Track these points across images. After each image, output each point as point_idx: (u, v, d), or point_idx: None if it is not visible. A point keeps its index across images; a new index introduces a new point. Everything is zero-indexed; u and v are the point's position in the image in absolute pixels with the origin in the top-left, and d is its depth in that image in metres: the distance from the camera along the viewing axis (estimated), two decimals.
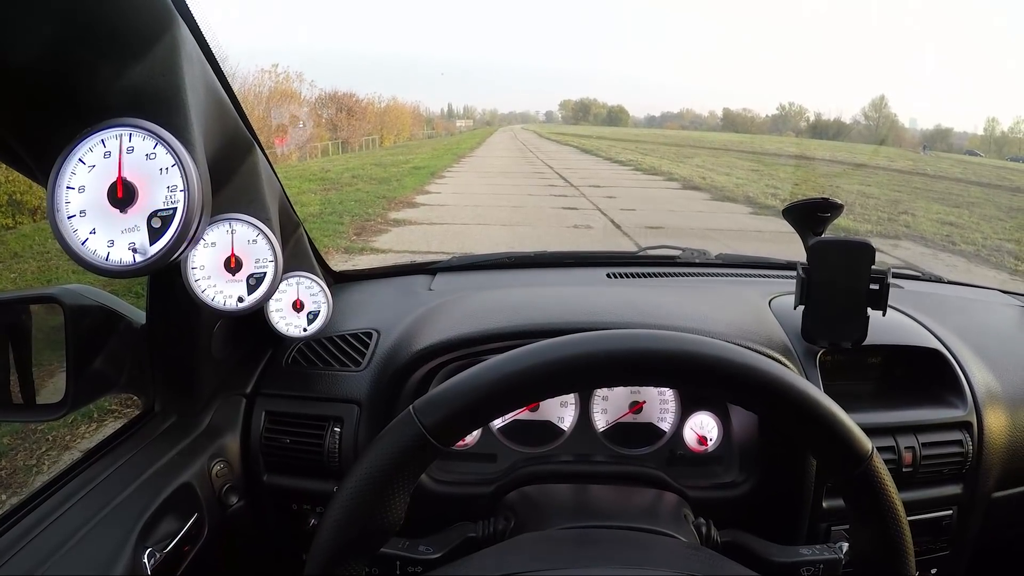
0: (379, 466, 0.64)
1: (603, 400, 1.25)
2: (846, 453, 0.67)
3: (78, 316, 0.98)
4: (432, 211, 11.84)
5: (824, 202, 1.21)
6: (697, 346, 0.66)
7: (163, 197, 0.67)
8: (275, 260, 0.97)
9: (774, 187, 17.95)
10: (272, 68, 34.96)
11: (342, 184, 15.84)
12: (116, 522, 0.88)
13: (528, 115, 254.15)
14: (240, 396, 1.22)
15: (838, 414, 0.67)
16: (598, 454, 1.24)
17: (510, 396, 0.67)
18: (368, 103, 50.62)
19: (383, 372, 1.21)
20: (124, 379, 1.08)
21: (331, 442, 1.17)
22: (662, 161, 27.26)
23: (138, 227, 0.67)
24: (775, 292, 1.46)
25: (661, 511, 1.02)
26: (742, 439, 1.19)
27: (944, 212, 14.58)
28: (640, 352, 0.66)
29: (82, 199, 0.66)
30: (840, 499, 1.15)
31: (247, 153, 1.02)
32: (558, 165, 24.28)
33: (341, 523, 0.64)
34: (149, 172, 0.66)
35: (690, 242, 1.95)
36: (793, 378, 0.66)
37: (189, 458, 1.06)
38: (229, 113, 0.94)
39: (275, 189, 1.13)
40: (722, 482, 1.17)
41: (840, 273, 1.17)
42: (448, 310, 1.33)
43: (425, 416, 0.65)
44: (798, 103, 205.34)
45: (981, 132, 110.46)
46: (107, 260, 0.66)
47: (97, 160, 0.66)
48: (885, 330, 1.26)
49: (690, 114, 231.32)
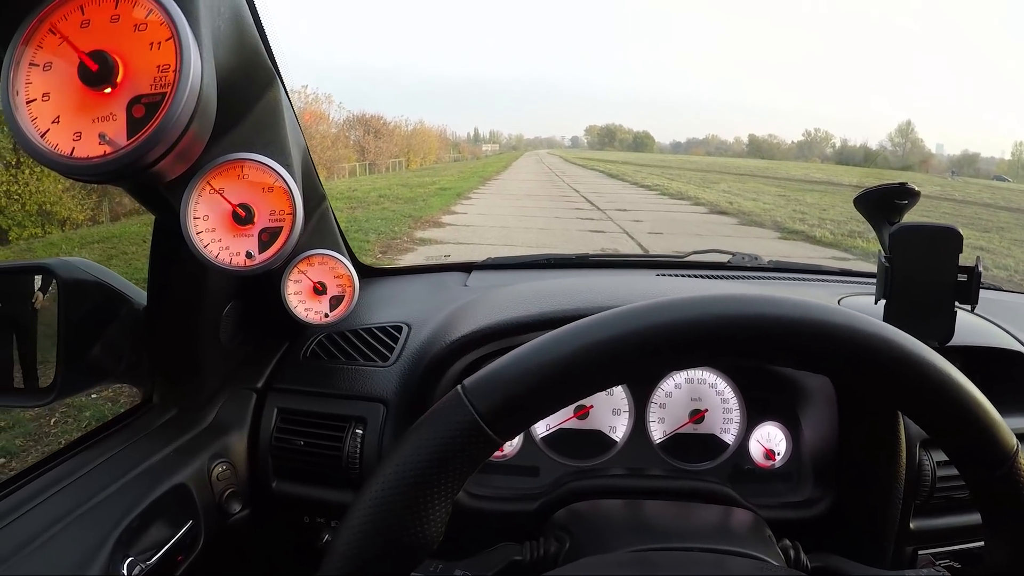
0: (419, 461, 0.50)
1: (660, 408, 1.13)
2: (988, 449, 0.54)
3: (73, 291, 0.89)
4: (458, 231, 11.81)
5: (901, 188, 1.10)
6: (824, 314, 0.53)
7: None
8: (294, 213, 0.83)
9: (801, 212, 17.82)
10: (302, 89, 35.55)
11: (369, 203, 15.93)
12: (92, 523, 0.76)
13: (554, 140, 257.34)
14: (250, 390, 1.10)
15: (983, 402, 0.54)
16: (654, 468, 1.11)
17: (591, 373, 0.52)
18: (395, 126, 51.58)
19: (415, 367, 1.09)
20: (122, 367, 0.97)
21: (351, 446, 1.04)
22: (688, 186, 27.16)
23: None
24: (841, 293, 1.35)
25: (740, 531, 0.88)
26: (816, 452, 1.07)
27: (974, 237, 14.36)
28: (758, 318, 0.52)
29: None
30: (930, 519, 1.04)
31: (266, 87, 0.88)
32: (584, 189, 24.25)
33: (364, 534, 0.49)
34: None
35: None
36: (935, 356, 0.53)
37: (187, 456, 0.94)
38: (247, 29, 0.80)
39: (299, 143, 1.00)
40: (793, 500, 1.05)
41: (924, 263, 1.05)
42: (489, 300, 1.21)
43: (479, 398, 0.51)
44: (824, 129, 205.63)
45: (1009, 157, 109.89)
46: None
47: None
48: (965, 331, 1.13)
49: (716, 140, 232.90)
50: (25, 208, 11.48)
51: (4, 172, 11.24)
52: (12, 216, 11.45)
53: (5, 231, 11.36)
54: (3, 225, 11.38)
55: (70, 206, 12.13)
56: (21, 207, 11.47)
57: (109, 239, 9.70)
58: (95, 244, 9.32)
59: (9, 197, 11.26)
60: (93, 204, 12.70)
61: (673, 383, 1.13)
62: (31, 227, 11.34)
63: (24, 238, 11.19)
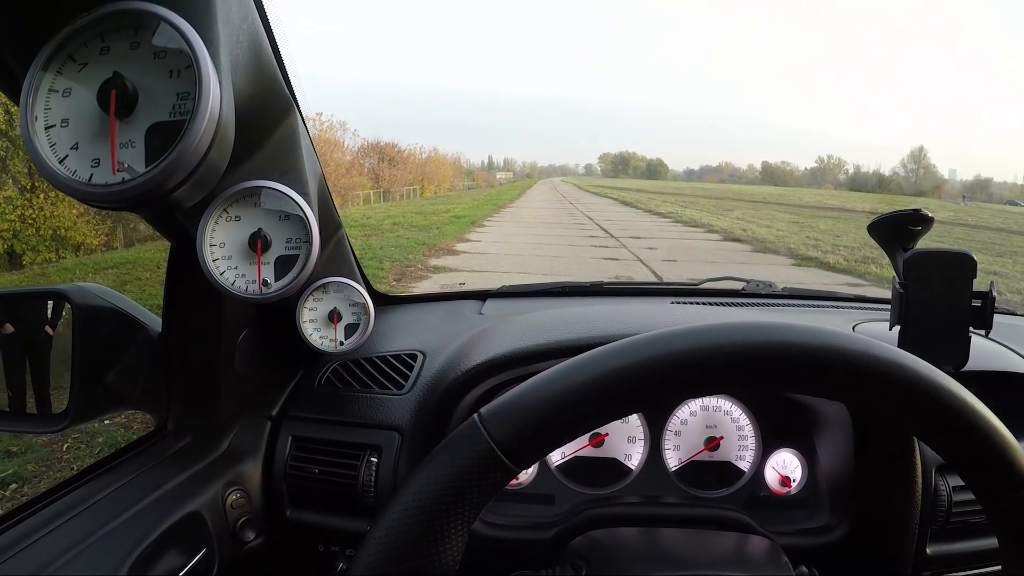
0: (435, 490, 0.50)
1: (675, 436, 1.13)
2: (1004, 473, 0.54)
3: (88, 317, 0.89)
4: (472, 259, 11.81)
5: (915, 214, 1.10)
6: (840, 341, 0.53)
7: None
8: (310, 241, 0.84)
9: (815, 238, 17.72)
10: (316, 116, 35.87)
11: (383, 230, 15.98)
12: (106, 551, 0.75)
13: (567, 168, 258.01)
14: (265, 418, 1.10)
15: (999, 427, 0.54)
16: (670, 495, 1.11)
17: (608, 402, 0.52)
18: (410, 153, 51.88)
19: (430, 395, 1.09)
20: (137, 393, 0.97)
21: (366, 474, 1.03)
22: (702, 213, 27.10)
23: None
24: (856, 320, 1.34)
25: (756, 558, 0.87)
26: (832, 478, 1.06)
27: (987, 262, 14.21)
28: (776, 346, 0.52)
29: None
30: (947, 544, 1.03)
31: (284, 115, 0.89)
32: (598, 216, 24.24)
33: (380, 564, 0.49)
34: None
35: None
36: (951, 382, 0.54)
37: (201, 484, 0.93)
38: (265, 57, 0.80)
39: (316, 171, 1.01)
40: (809, 527, 1.03)
41: (939, 289, 1.05)
42: (504, 328, 1.21)
43: (496, 427, 0.51)
44: (837, 155, 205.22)
45: (1021, 182, 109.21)
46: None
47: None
48: (980, 356, 1.12)
49: (729, 167, 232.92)
50: (40, 233, 11.57)
51: (19, 197, 11.36)
52: (26, 241, 11.54)
53: (19, 256, 11.45)
54: (17, 250, 11.48)
55: (84, 231, 12.23)
56: (35, 232, 11.56)
57: (123, 265, 9.77)
58: (109, 270, 9.40)
59: (24, 222, 11.36)
60: (107, 229, 12.79)
61: (688, 411, 1.12)
62: (45, 252, 11.40)
63: (38, 263, 11.27)
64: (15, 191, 11.34)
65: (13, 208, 11.14)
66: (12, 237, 11.23)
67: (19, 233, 11.36)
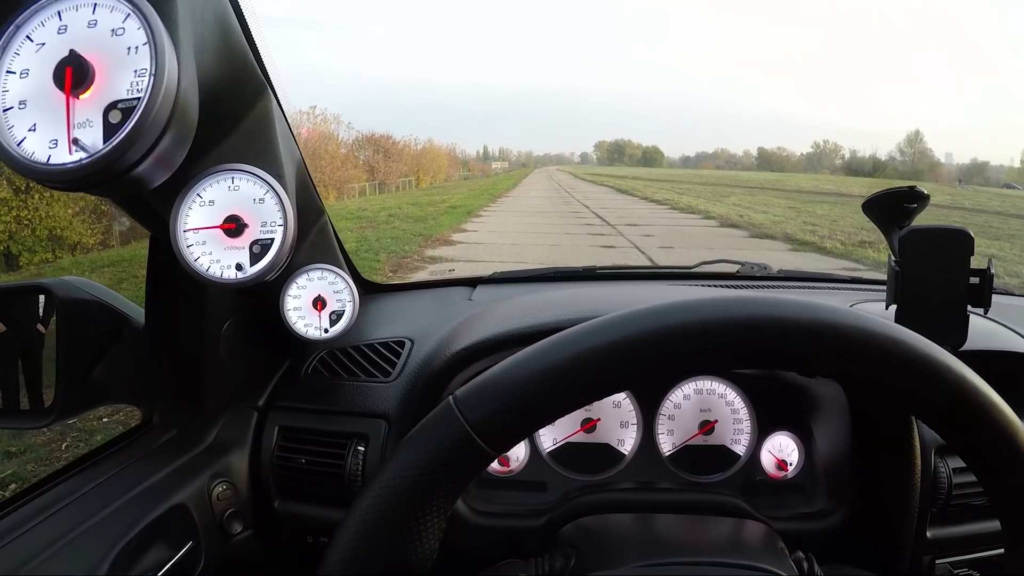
0: (408, 477, 0.48)
1: (669, 420, 1.11)
2: (1006, 453, 0.51)
3: (71, 310, 0.88)
4: (469, 249, 11.78)
5: (909, 191, 1.08)
6: (835, 315, 0.50)
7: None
8: (285, 225, 0.82)
9: (812, 223, 17.70)
10: (311, 110, 35.78)
11: (379, 222, 15.93)
12: (87, 546, 0.74)
13: (563, 156, 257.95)
14: (251, 409, 1.08)
15: (1001, 405, 0.51)
16: (664, 481, 1.09)
17: (589, 381, 0.50)
18: (404, 145, 51.83)
19: (416, 382, 1.07)
20: (123, 387, 0.95)
21: (353, 463, 1.02)
22: (698, 200, 27.06)
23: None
24: (852, 300, 1.32)
25: (752, 543, 0.85)
26: (829, 462, 1.05)
27: (985, 245, 14.20)
28: (764, 320, 0.50)
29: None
30: (947, 528, 1.01)
31: (257, 97, 0.88)
32: (594, 204, 24.21)
33: (353, 555, 0.48)
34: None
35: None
36: (950, 358, 0.51)
37: (186, 476, 0.92)
38: (235, 37, 0.80)
39: (293, 154, 0.99)
40: (807, 511, 1.02)
41: (935, 266, 1.03)
42: (491, 312, 1.18)
43: (471, 409, 0.49)
44: (833, 140, 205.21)
45: (1018, 165, 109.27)
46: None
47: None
48: (977, 335, 1.09)
49: (725, 154, 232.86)
50: (36, 233, 11.52)
51: (14, 198, 11.31)
52: (22, 241, 11.49)
53: (16, 256, 11.41)
54: (14, 251, 11.43)
55: (80, 231, 12.18)
56: (31, 232, 11.50)
57: (119, 263, 9.72)
58: (105, 268, 9.34)
59: (19, 222, 11.31)
60: (103, 228, 12.75)
61: (682, 394, 1.11)
62: (42, 252, 11.35)
63: (35, 263, 11.22)
64: (10, 192, 11.28)
65: (8, 209, 11.08)
66: (8, 238, 11.17)
67: (15, 234, 11.30)
